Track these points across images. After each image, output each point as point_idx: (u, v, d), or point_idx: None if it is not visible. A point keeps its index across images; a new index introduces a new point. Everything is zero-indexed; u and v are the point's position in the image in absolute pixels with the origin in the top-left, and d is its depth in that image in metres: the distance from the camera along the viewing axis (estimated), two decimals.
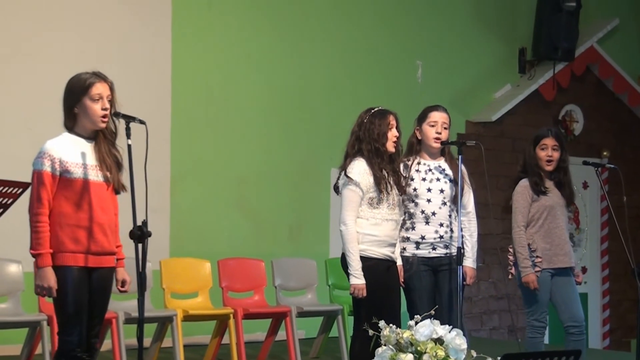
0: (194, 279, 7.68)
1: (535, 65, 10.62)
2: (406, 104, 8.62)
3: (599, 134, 11.09)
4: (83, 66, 4.87)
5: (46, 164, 4.53)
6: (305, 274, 8.19)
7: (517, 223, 6.25)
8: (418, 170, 5.84)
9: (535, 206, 6.23)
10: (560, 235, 6.24)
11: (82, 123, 4.63)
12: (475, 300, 9.94)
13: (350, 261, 5.51)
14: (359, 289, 5.49)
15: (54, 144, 4.59)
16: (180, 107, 8.36)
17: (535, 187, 6.21)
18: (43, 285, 4.49)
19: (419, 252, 5.78)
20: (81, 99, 4.59)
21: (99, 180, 4.61)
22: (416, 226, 5.79)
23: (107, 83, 4.65)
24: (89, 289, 4.61)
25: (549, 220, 6.22)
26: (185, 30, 8.41)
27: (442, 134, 5.85)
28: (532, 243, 6.21)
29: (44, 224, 4.51)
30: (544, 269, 6.19)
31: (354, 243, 5.51)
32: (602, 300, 11.10)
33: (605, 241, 11.07)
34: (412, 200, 5.80)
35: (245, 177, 8.70)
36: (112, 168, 4.65)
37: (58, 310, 4.60)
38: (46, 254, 4.49)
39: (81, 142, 4.63)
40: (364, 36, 9.45)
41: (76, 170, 4.56)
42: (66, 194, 4.55)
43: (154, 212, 4.72)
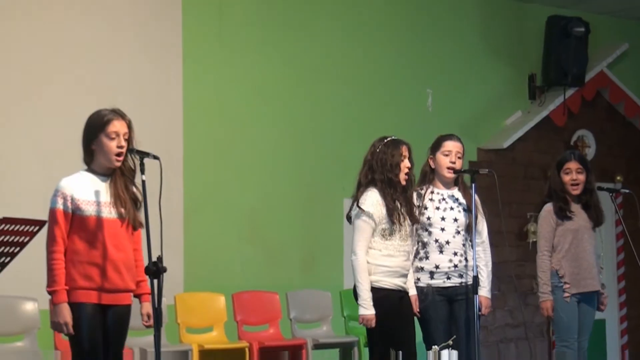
0: (208, 313, 7.67)
1: (545, 91, 10.61)
2: (417, 132, 8.62)
3: (611, 159, 11.06)
4: (97, 103, 4.89)
5: (59, 202, 4.56)
6: (320, 305, 8.17)
7: (541, 248, 6.24)
8: (432, 199, 5.83)
9: (560, 230, 6.22)
10: (587, 258, 6.23)
11: (98, 160, 4.66)
12: (492, 329, 9.88)
13: (359, 291, 5.50)
14: (368, 319, 5.48)
15: (67, 182, 4.62)
16: (192, 141, 8.37)
17: (559, 212, 6.21)
18: (59, 322, 4.50)
19: (434, 281, 5.77)
20: (98, 135, 4.63)
21: (112, 217, 4.62)
22: (430, 255, 5.77)
23: (125, 120, 4.68)
24: (104, 326, 4.61)
25: (575, 245, 6.21)
26: (196, 65, 8.43)
27: (456, 163, 5.85)
28: (559, 269, 6.20)
29: (58, 262, 4.53)
30: (572, 294, 6.17)
31: (364, 273, 5.50)
32: (620, 326, 11.01)
33: (622, 266, 11.01)
34: (425, 229, 5.79)
35: (257, 210, 8.70)
36: (128, 204, 4.66)
37: (73, 347, 4.60)
38: (61, 290, 4.51)
39: (96, 180, 4.65)
40: (373, 65, 9.47)
41: (88, 207, 4.57)
42: (79, 231, 4.57)
43: (168, 247, 4.71)
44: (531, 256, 10.10)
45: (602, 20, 10.98)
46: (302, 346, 7.60)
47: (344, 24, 9.30)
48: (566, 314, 6.19)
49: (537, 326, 10.29)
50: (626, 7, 10.85)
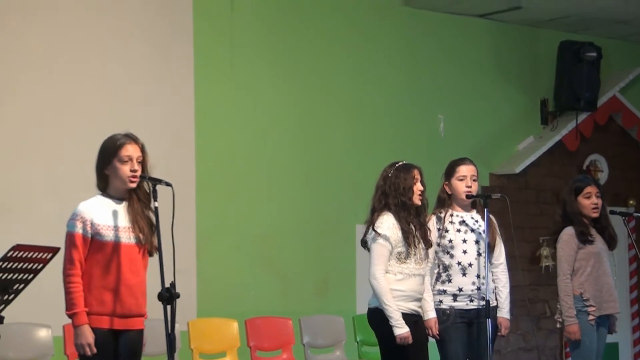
0: (222, 339, 7.68)
1: (558, 116, 10.62)
2: (429, 158, 8.64)
3: (624, 183, 11.05)
4: (109, 129, 4.93)
5: (78, 226, 4.59)
6: (333, 331, 8.17)
7: (563, 271, 6.25)
8: (452, 222, 5.87)
9: (582, 254, 6.24)
10: (608, 281, 6.26)
11: (113, 184, 4.69)
12: (505, 353, 9.85)
13: (389, 313, 5.52)
14: (404, 337, 5.49)
15: (86, 206, 4.65)
16: (205, 169, 8.41)
17: (582, 236, 6.22)
18: (82, 343, 4.52)
19: (457, 304, 5.79)
20: (112, 160, 4.67)
21: (130, 243, 4.65)
22: (453, 278, 5.80)
23: (138, 145, 4.72)
24: (117, 352, 4.62)
25: (597, 267, 6.23)
26: (208, 92, 8.49)
27: (472, 187, 5.88)
28: (583, 292, 6.20)
29: (76, 284, 4.56)
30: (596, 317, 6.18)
31: (389, 295, 5.52)
32: (632, 350, 10.97)
33: (634, 290, 10.98)
34: (447, 252, 5.82)
35: (270, 235, 8.72)
36: (145, 229, 4.69)
37: None
38: (81, 312, 4.54)
39: (113, 205, 4.68)
40: (385, 91, 9.50)
41: (108, 233, 4.60)
42: (97, 256, 4.60)
43: (181, 273, 4.73)
44: (544, 280, 10.12)
45: (614, 45, 11.00)
46: None
47: (355, 52, 9.35)
48: (589, 338, 6.20)
49: (550, 350, 10.25)
50: (638, 31, 10.87)
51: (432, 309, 5.77)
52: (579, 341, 6.19)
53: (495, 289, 5.90)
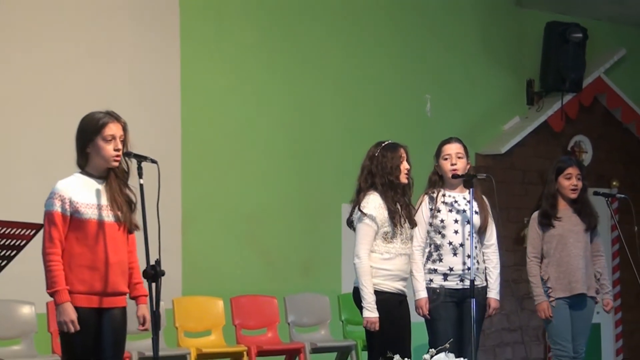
0: (207, 317, 7.69)
1: (543, 96, 10.64)
2: (416, 138, 8.65)
3: (608, 164, 11.09)
4: (93, 108, 4.91)
5: (57, 205, 4.57)
6: (318, 309, 8.19)
7: (528, 254, 6.38)
8: (444, 202, 5.87)
9: (547, 237, 6.31)
10: (571, 262, 6.29)
11: (94, 162, 4.67)
12: (488, 333, 9.90)
13: (363, 294, 5.53)
14: (372, 322, 5.51)
15: (64, 185, 4.62)
16: (191, 146, 8.39)
17: (542, 219, 6.28)
18: (65, 320, 4.51)
19: (447, 283, 5.81)
20: (94, 139, 4.63)
21: (110, 221, 4.64)
22: (444, 258, 5.82)
23: (121, 123, 4.69)
24: (101, 330, 4.62)
25: (559, 249, 6.29)
26: (194, 70, 8.46)
27: (457, 164, 5.89)
28: (544, 274, 6.26)
29: (56, 263, 4.54)
30: (557, 298, 6.22)
31: (368, 276, 5.53)
32: (614, 331, 11.04)
33: (617, 271, 11.04)
34: (438, 232, 5.83)
35: (256, 214, 8.72)
36: (124, 207, 4.67)
37: (64, 352, 4.61)
38: (63, 290, 4.52)
39: (92, 182, 4.66)
40: (372, 71, 9.49)
41: (87, 210, 4.59)
42: (77, 234, 4.58)
43: (166, 251, 4.72)
44: None
45: (599, 26, 11.01)
46: (300, 350, 7.62)
47: (342, 31, 9.33)
48: (555, 318, 6.27)
49: (533, 330, 10.31)
50: (624, 13, 10.88)
51: (424, 288, 5.79)
52: (549, 320, 6.29)
53: (486, 269, 5.93)
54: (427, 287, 5.82)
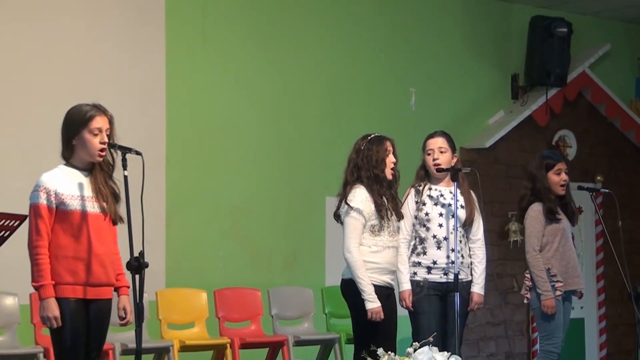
0: (190, 310, 7.68)
1: (528, 91, 10.65)
2: (400, 131, 8.64)
3: (592, 159, 11.12)
4: (79, 99, 4.89)
5: (42, 197, 4.56)
6: (302, 302, 8.19)
7: (533, 247, 6.29)
8: (430, 195, 5.88)
9: (549, 230, 6.28)
10: (573, 257, 6.32)
11: (79, 155, 4.66)
12: (472, 327, 9.92)
13: (362, 287, 5.53)
14: (376, 312, 5.51)
15: (49, 177, 4.62)
16: (175, 138, 8.37)
17: (550, 213, 6.26)
18: (48, 316, 4.51)
19: (431, 276, 5.82)
20: (80, 131, 4.62)
21: (95, 212, 4.63)
22: (428, 251, 5.82)
23: (107, 116, 4.69)
24: (87, 320, 4.62)
25: (563, 243, 6.29)
26: (179, 63, 8.43)
27: (439, 158, 5.89)
28: (551, 267, 6.25)
29: (43, 256, 4.53)
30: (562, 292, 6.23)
31: (362, 269, 5.53)
32: (598, 325, 11.08)
33: (601, 266, 11.07)
34: (423, 225, 5.84)
35: (240, 207, 8.71)
36: (109, 199, 4.67)
37: (55, 343, 4.61)
38: (48, 285, 4.51)
39: (77, 174, 4.65)
40: (357, 65, 9.48)
41: (72, 202, 4.58)
42: (63, 226, 4.57)
43: (150, 243, 4.72)
44: (512, 255, 10.19)
45: (584, 21, 11.03)
46: (283, 343, 7.62)
47: (328, 23, 9.32)
48: (557, 313, 6.25)
49: (517, 324, 10.34)
50: (609, 7, 10.91)
51: (407, 280, 5.80)
52: (547, 316, 6.24)
53: (472, 263, 5.93)
54: (411, 279, 5.83)
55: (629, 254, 8.09)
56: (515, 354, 10.26)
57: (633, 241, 10.84)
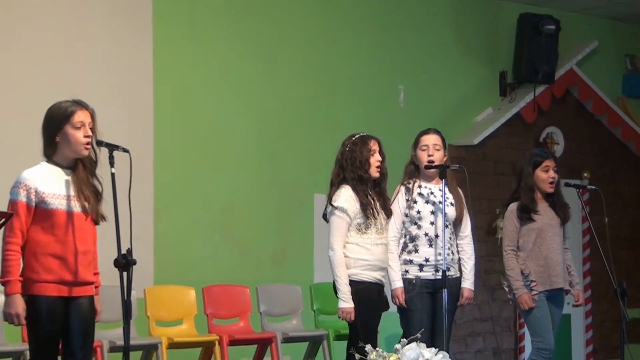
0: (178, 307, 7.68)
1: (516, 88, 10.68)
2: (389, 128, 8.67)
3: (579, 156, 11.16)
4: (64, 95, 4.88)
5: (21, 194, 4.54)
6: (290, 299, 8.20)
7: (505, 247, 6.33)
8: (420, 193, 5.89)
9: (524, 230, 6.29)
10: (552, 256, 6.30)
11: (62, 151, 4.64)
12: (460, 323, 9.95)
13: (339, 285, 5.55)
14: (347, 312, 5.53)
15: (30, 174, 4.59)
16: (163, 135, 8.37)
17: (521, 213, 6.27)
18: (11, 313, 4.49)
19: (423, 274, 5.83)
20: (63, 127, 4.60)
21: (76, 211, 4.61)
22: (419, 249, 5.84)
23: (89, 111, 4.67)
24: (69, 319, 4.60)
25: (539, 243, 6.29)
26: (167, 59, 8.43)
27: (434, 155, 5.91)
28: (524, 268, 6.26)
29: (14, 253, 4.51)
30: (540, 292, 6.23)
31: (342, 267, 5.55)
32: (584, 321, 11.12)
33: (587, 262, 11.11)
34: (414, 223, 5.85)
35: (228, 204, 8.71)
36: (90, 198, 4.65)
37: (31, 340, 4.60)
38: (14, 281, 4.49)
39: (59, 172, 4.63)
40: (345, 62, 9.49)
41: (53, 201, 4.56)
42: (43, 224, 4.55)
43: (138, 240, 4.72)
44: (499, 251, 10.13)
45: (572, 18, 11.06)
46: (271, 339, 7.63)
47: (316, 19, 9.32)
48: (538, 311, 6.26)
49: (505, 321, 10.37)
50: (596, 5, 10.94)
51: (399, 278, 5.81)
52: (530, 315, 6.26)
53: (460, 260, 5.95)
54: (402, 277, 5.84)
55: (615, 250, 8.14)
56: (503, 349, 10.29)
57: (619, 238, 10.88)
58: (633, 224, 11.63)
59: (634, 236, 11.61)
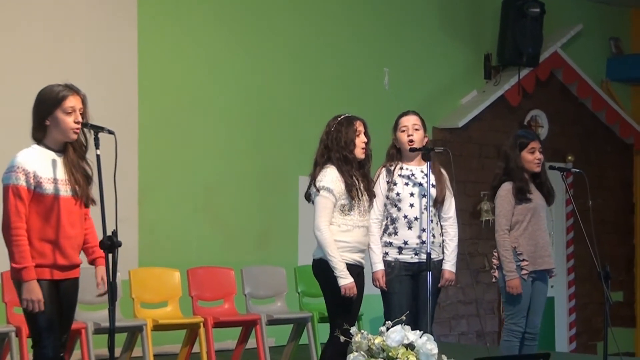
0: (163, 289, 7.67)
1: (501, 71, 10.70)
2: (373, 111, 8.67)
3: (563, 139, 11.20)
4: (49, 78, 4.86)
5: (21, 179, 4.52)
6: (275, 281, 8.20)
7: (501, 227, 6.29)
8: (401, 174, 5.88)
9: (519, 209, 6.28)
10: (543, 237, 6.32)
11: (52, 135, 4.62)
12: (444, 306, 9.99)
13: (334, 264, 5.54)
14: (349, 288, 5.53)
15: (26, 158, 4.57)
16: (148, 117, 8.35)
17: (519, 192, 6.27)
18: (32, 299, 4.48)
19: (402, 257, 5.82)
20: (53, 111, 4.58)
21: (67, 195, 4.60)
22: (399, 231, 5.82)
23: (80, 96, 4.65)
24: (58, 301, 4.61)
25: (533, 223, 6.29)
26: (151, 41, 8.40)
27: (414, 135, 5.89)
28: (517, 246, 6.26)
29: (24, 238, 4.51)
30: (529, 272, 6.25)
31: (333, 246, 5.54)
32: (568, 304, 11.19)
33: (571, 245, 11.17)
34: (394, 205, 5.84)
35: (213, 186, 8.70)
36: (81, 182, 4.64)
37: (31, 325, 4.59)
38: (30, 267, 4.49)
39: (51, 155, 4.62)
40: (331, 43, 9.48)
41: (48, 185, 4.55)
42: (37, 208, 4.55)
43: (122, 222, 4.70)
44: (484, 234, 10.26)
45: (557, 1, 11.07)
46: (256, 321, 7.63)
47: (301, 2, 9.30)
48: (522, 293, 6.27)
49: (488, 303, 10.42)
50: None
51: (380, 260, 5.80)
52: (513, 296, 6.27)
53: (443, 242, 5.94)
54: (383, 259, 5.84)
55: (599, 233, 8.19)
56: (487, 332, 10.35)
57: (603, 221, 10.94)
58: (617, 207, 11.70)
59: (617, 219, 11.68)
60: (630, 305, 11.88)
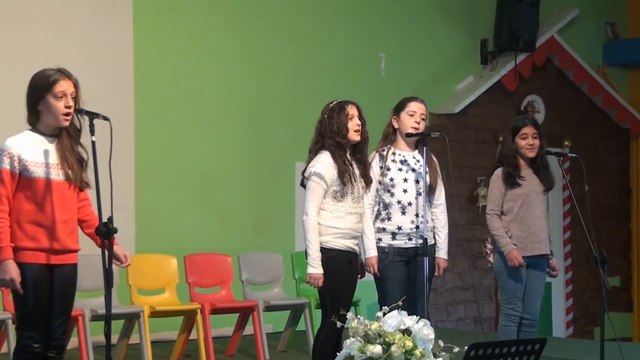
0: (160, 275, 7.67)
1: (497, 56, 10.69)
2: (370, 96, 8.66)
3: (560, 124, 11.19)
4: (45, 64, 4.85)
5: (5, 162, 4.52)
6: (272, 268, 8.20)
7: (489, 210, 6.33)
8: (394, 160, 5.87)
9: (510, 195, 6.29)
10: (535, 222, 6.31)
11: (45, 120, 4.61)
12: (441, 291, 10.00)
13: (309, 251, 5.54)
14: (316, 278, 5.53)
15: (14, 142, 4.57)
16: (144, 104, 8.33)
17: (507, 178, 6.28)
18: (5, 279, 4.48)
19: (395, 242, 5.82)
20: (45, 96, 4.57)
21: (59, 179, 4.59)
22: (392, 217, 5.82)
23: (72, 80, 4.63)
24: (51, 286, 4.60)
25: (524, 209, 6.29)
26: (147, 27, 8.38)
27: (420, 124, 5.89)
28: (507, 231, 6.27)
29: (3, 220, 4.50)
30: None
31: (314, 233, 5.54)
32: (565, 289, 11.20)
33: (568, 230, 11.18)
34: (387, 191, 5.83)
35: (209, 173, 8.69)
36: (74, 166, 4.63)
37: (17, 307, 4.60)
38: (6, 247, 4.48)
39: (43, 140, 4.61)
40: (327, 29, 9.46)
41: (36, 169, 4.54)
42: (26, 192, 4.54)
43: (119, 209, 4.70)
44: (481, 220, 10.25)
45: None
46: (253, 308, 7.64)
47: None
48: (513, 277, 6.28)
49: (485, 289, 10.43)
50: None
51: (374, 246, 5.80)
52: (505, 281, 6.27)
53: (434, 228, 5.95)
54: (377, 245, 5.83)
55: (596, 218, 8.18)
56: (484, 317, 10.36)
57: (600, 206, 10.95)
58: (613, 192, 11.71)
59: (614, 204, 11.69)
60: (627, 290, 11.91)
